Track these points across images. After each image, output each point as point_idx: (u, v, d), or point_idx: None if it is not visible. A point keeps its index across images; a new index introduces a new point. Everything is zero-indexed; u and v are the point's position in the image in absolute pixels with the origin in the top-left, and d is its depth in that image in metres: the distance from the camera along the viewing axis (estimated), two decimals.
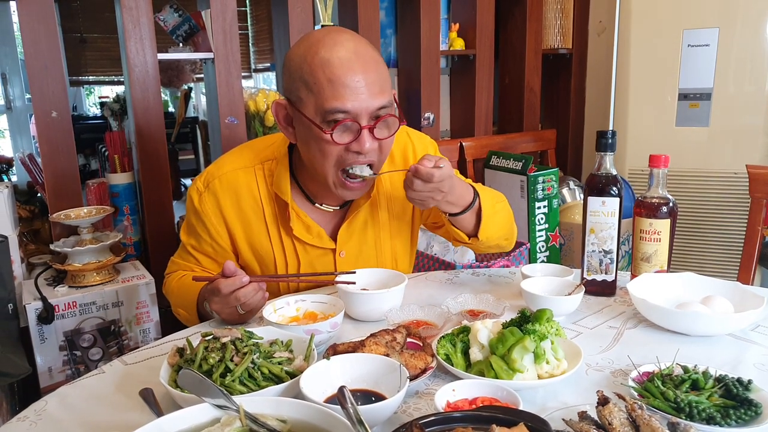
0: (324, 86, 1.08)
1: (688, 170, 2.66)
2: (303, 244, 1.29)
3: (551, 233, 2.63)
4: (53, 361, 1.92)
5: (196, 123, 4.38)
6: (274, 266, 1.31)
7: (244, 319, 1.12)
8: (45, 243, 2.26)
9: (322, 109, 1.09)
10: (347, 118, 1.09)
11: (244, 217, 1.28)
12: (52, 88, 2.04)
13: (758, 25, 2.45)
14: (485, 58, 3.02)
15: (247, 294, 1.06)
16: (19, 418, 0.85)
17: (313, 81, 1.09)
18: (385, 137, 1.15)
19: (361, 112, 1.09)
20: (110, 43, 5.40)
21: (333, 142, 1.11)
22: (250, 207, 1.27)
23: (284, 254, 1.30)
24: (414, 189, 1.13)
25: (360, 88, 1.08)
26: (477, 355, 0.92)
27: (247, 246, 1.30)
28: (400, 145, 1.35)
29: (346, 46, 1.09)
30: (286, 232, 1.28)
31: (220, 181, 1.27)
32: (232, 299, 1.06)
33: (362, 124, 1.10)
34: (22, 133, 4.05)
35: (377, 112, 1.11)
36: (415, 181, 1.12)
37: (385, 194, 1.35)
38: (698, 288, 1.16)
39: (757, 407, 0.78)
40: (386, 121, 1.14)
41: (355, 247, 1.34)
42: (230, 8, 2.27)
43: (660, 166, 1.21)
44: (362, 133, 1.10)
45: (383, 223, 1.36)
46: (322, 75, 1.08)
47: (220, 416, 0.69)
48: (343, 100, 1.08)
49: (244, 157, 1.30)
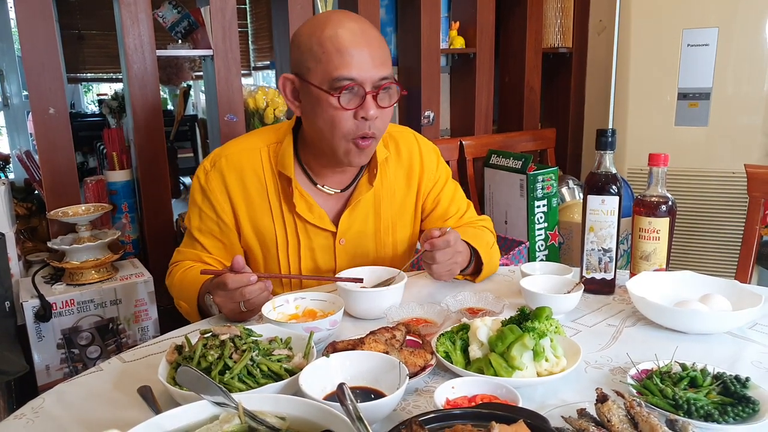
0: (332, 55, 1.16)
1: (687, 169, 2.66)
2: (304, 223, 1.32)
3: (550, 232, 2.63)
4: (51, 359, 1.92)
5: (195, 121, 4.37)
6: (276, 246, 1.33)
7: (245, 317, 1.12)
8: (42, 240, 2.25)
9: (329, 77, 1.16)
10: (353, 84, 1.16)
11: (248, 196, 1.31)
12: (50, 85, 2.03)
13: (757, 25, 2.45)
14: (485, 56, 3.01)
15: (253, 292, 1.07)
16: (16, 415, 0.85)
17: (321, 51, 1.17)
18: (387, 105, 1.21)
19: (365, 80, 1.17)
20: (108, 40, 5.38)
21: (340, 106, 1.17)
22: (254, 186, 1.31)
23: (285, 234, 1.33)
24: (438, 262, 1.18)
25: (365, 58, 1.16)
26: (476, 352, 0.92)
27: (249, 225, 1.33)
28: (408, 145, 1.40)
29: (351, 24, 1.18)
30: (288, 209, 1.32)
31: (227, 159, 1.32)
32: (238, 295, 1.07)
33: (367, 90, 1.17)
34: (20, 130, 4.04)
35: (380, 82, 1.18)
36: (436, 254, 1.17)
37: (389, 187, 1.38)
38: (696, 286, 1.16)
39: (755, 404, 0.78)
40: (388, 90, 1.20)
41: (356, 238, 1.36)
42: (230, 5, 2.27)
43: (659, 165, 1.22)
44: (367, 99, 1.17)
45: (385, 216, 1.38)
46: (330, 45, 1.16)
47: (218, 413, 0.69)
48: (349, 68, 1.15)
49: (251, 140, 1.35)
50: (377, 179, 1.34)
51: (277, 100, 2.41)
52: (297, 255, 1.34)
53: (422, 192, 1.42)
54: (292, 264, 1.35)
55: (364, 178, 1.35)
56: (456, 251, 1.20)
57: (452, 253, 1.19)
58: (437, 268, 1.19)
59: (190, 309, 1.25)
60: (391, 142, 1.40)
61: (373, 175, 1.34)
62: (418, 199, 1.42)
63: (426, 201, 1.43)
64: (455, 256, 1.21)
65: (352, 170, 1.35)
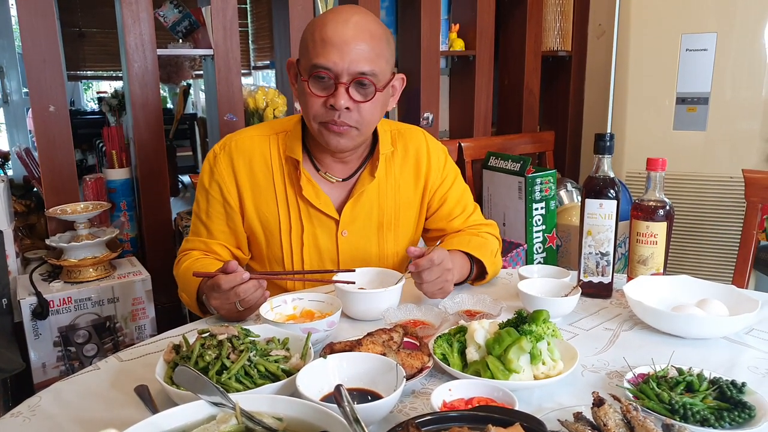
0: (316, 44, 1.18)
1: (685, 174, 2.67)
2: (309, 206, 1.33)
3: (548, 234, 2.63)
4: (47, 357, 1.91)
5: (195, 119, 4.36)
6: (279, 231, 1.34)
7: (242, 316, 1.12)
8: (40, 238, 2.25)
9: (309, 64, 1.20)
10: (326, 73, 1.18)
11: (255, 180, 1.33)
12: (50, 82, 2.03)
13: (755, 30, 2.46)
14: (485, 59, 3.02)
15: (247, 290, 1.07)
16: (12, 413, 0.85)
17: (310, 39, 1.20)
18: (359, 100, 1.21)
19: (341, 72, 1.17)
20: (109, 38, 5.37)
21: (311, 92, 1.20)
22: (262, 171, 1.33)
23: (289, 219, 1.34)
24: (427, 281, 1.16)
25: (346, 50, 1.17)
26: (473, 355, 0.92)
27: (253, 210, 1.34)
28: (416, 142, 1.42)
29: (346, 16, 1.19)
30: (295, 193, 1.34)
31: (236, 143, 1.34)
32: (232, 295, 1.07)
33: (341, 81, 1.18)
34: (19, 127, 4.03)
35: (358, 77, 1.18)
36: (423, 274, 1.15)
37: (394, 182, 1.39)
38: (694, 291, 1.17)
39: (751, 410, 0.78)
40: (363, 84, 1.20)
41: (358, 230, 1.37)
42: (231, 5, 2.27)
43: (657, 169, 1.22)
44: (338, 89, 1.18)
45: (388, 211, 1.39)
46: (317, 35, 1.19)
47: (215, 413, 0.69)
48: (326, 58, 1.17)
49: (262, 128, 1.39)
50: (381, 173, 1.36)
51: (276, 100, 2.41)
52: (300, 241, 1.35)
53: (429, 189, 1.43)
54: (294, 251, 1.36)
55: (366, 170, 1.36)
56: (444, 269, 1.17)
57: (440, 271, 1.16)
58: (427, 287, 1.17)
59: (191, 302, 1.25)
60: (400, 139, 1.41)
61: (375, 167, 1.35)
62: (425, 196, 1.43)
63: (433, 198, 1.44)
64: (444, 274, 1.17)
65: (354, 161, 1.36)
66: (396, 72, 1.29)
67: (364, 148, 1.36)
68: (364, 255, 1.38)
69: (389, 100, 1.31)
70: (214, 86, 2.32)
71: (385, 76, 1.23)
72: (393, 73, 1.28)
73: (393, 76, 1.27)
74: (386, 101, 1.29)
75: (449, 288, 1.21)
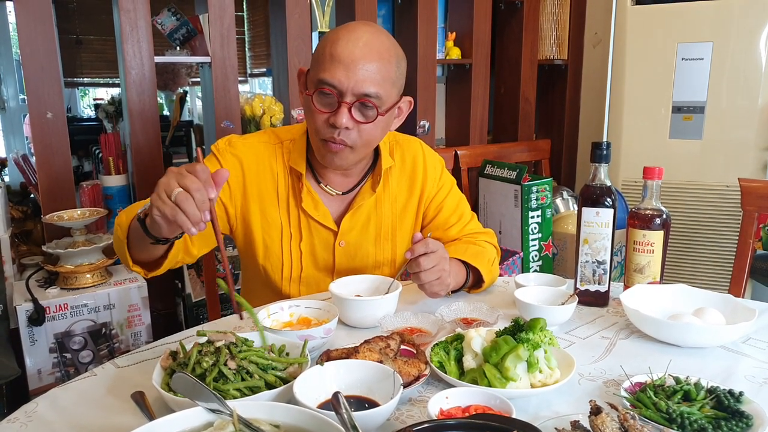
0: (325, 59, 1.17)
1: (681, 182, 2.68)
2: (309, 219, 1.34)
3: (544, 243, 2.64)
4: (43, 363, 1.90)
5: (191, 127, 4.36)
6: (280, 239, 1.34)
7: (166, 221, 0.92)
8: (37, 244, 2.24)
9: (316, 78, 1.19)
10: (331, 90, 1.17)
11: (261, 186, 1.33)
12: (48, 89, 2.03)
13: (751, 40, 2.48)
14: (481, 67, 3.03)
15: (197, 189, 0.89)
16: (9, 419, 0.84)
17: (320, 53, 1.19)
18: (361, 121, 1.19)
19: (345, 91, 1.16)
20: (106, 45, 5.38)
21: (314, 106, 1.19)
22: (266, 178, 1.33)
23: (290, 228, 1.35)
24: (425, 268, 1.15)
25: (352, 69, 1.15)
26: (470, 363, 0.92)
27: (258, 213, 1.33)
28: (413, 153, 1.43)
29: (359, 35, 1.18)
30: (295, 204, 1.34)
31: (244, 144, 1.34)
32: (182, 178, 0.90)
33: (344, 100, 1.17)
34: (16, 133, 4.03)
35: (362, 98, 1.17)
36: (421, 261, 1.15)
37: (391, 194, 1.40)
38: (690, 300, 1.17)
39: (748, 419, 0.79)
40: (366, 106, 1.19)
41: (355, 242, 1.37)
42: (228, 12, 2.28)
43: (654, 177, 1.22)
44: (341, 107, 1.17)
45: (385, 222, 1.40)
46: (328, 50, 1.17)
47: (213, 420, 0.69)
48: (333, 74, 1.16)
49: (266, 135, 1.38)
50: (380, 186, 1.36)
51: (273, 107, 2.42)
52: (298, 249, 1.36)
53: (425, 198, 1.43)
54: (294, 258, 1.36)
55: (367, 185, 1.37)
56: (441, 257, 1.17)
57: (437, 259, 1.16)
58: (425, 276, 1.16)
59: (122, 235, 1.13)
60: (398, 149, 1.42)
61: (376, 182, 1.36)
62: (420, 205, 1.43)
63: (428, 208, 1.44)
64: (441, 262, 1.17)
65: (355, 174, 1.36)
66: (403, 95, 1.27)
67: (366, 162, 1.36)
68: (361, 264, 1.39)
69: (393, 121, 1.29)
70: (211, 93, 2.33)
71: (390, 98, 1.22)
72: (400, 96, 1.26)
73: (400, 99, 1.26)
74: (389, 123, 1.27)
75: (446, 279, 1.19)
